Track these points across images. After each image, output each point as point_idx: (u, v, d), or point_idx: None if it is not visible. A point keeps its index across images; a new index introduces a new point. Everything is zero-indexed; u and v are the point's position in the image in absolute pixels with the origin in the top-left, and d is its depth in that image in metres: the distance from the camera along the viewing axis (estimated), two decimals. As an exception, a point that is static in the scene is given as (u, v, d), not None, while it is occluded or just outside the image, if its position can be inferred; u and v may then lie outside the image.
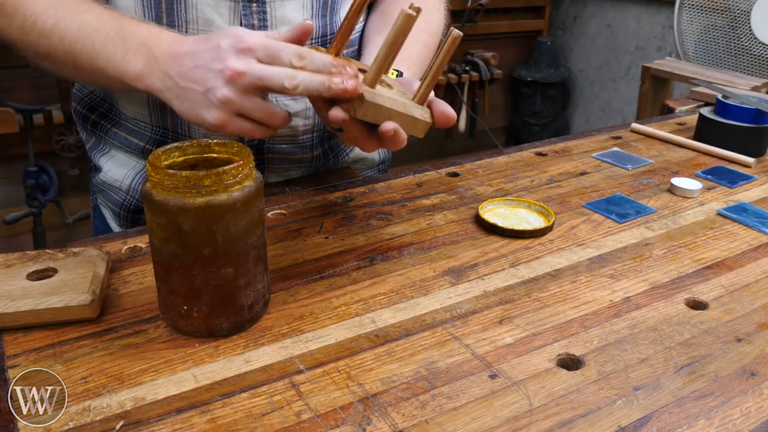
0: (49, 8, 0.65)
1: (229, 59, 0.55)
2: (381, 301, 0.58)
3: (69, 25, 0.65)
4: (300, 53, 0.54)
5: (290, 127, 0.80)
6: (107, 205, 0.87)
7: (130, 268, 0.62)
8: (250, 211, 0.50)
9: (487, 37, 3.16)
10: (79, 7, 0.66)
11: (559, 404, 0.46)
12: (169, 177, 0.48)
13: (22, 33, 0.67)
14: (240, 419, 0.44)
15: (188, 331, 0.52)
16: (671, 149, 0.97)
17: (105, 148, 0.84)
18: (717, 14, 2.11)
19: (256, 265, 0.52)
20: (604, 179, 0.85)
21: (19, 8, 0.66)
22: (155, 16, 0.71)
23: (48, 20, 0.65)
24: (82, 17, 0.65)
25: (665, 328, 0.55)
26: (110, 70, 0.63)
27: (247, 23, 0.73)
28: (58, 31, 0.65)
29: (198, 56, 0.57)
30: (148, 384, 0.47)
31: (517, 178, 0.85)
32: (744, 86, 1.79)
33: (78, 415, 0.44)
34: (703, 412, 0.46)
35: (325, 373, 0.48)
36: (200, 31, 0.72)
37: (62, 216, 2.33)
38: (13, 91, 2.16)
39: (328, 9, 0.79)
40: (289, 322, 0.54)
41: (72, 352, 0.50)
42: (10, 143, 2.23)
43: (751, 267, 0.65)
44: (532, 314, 0.56)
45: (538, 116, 3.34)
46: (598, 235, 0.70)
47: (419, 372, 0.49)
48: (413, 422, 0.44)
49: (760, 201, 0.80)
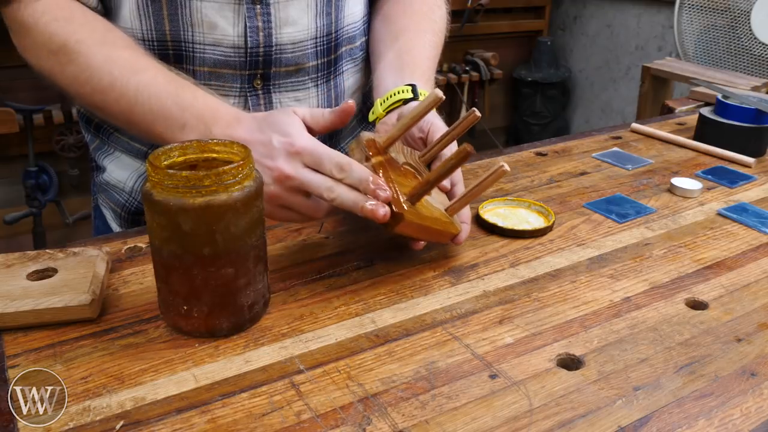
0: (104, 65, 0.66)
1: (278, 160, 0.58)
2: (381, 301, 0.58)
3: (126, 85, 0.66)
4: (341, 165, 0.56)
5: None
6: (109, 206, 0.87)
7: (130, 268, 0.62)
8: (250, 211, 0.50)
9: (487, 37, 3.16)
10: (134, 66, 0.67)
11: (559, 404, 0.46)
12: (169, 177, 0.48)
13: (75, 84, 0.68)
14: (240, 419, 0.44)
15: (188, 331, 0.52)
16: (671, 149, 0.97)
17: (109, 150, 0.84)
18: (717, 14, 2.11)
19: (256, 265, 0.52)
20: (604, 179, 0.85)
21: (74, 60, 0.67)
22: (156, 22, 0.71)
23: (104, 78, 0.66)
24: (139, 78, 0.66)
25: (665, 328, 0.55)
26: (167, 138, 0.65)
27: (251, 25, 0.73)
28: (114, 92, 0.66)
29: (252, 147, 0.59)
30: (148, 384, 0.47)
31: (517, 178, 0.85)
32: (744, 86, 1.79)
33: (78, 415, 0.44)
34: (703, 412, 0.46)
35: (325, 373, 0.48)
36: (205, 34, 0.72)
37: (62, 216, 2.33)
38: (13, 91, 2.16)
39: (333, 6, 0.79)
40: (289, 322, 0.54)
41: (72, 352, 0.50)
42: (10, 143, 2.23)
43: (751, 267, 0.65)
44: (532, 314, 0.56)
45: (538, 116, 3.34)
46: (598, 235, 0.70)
47: (419, 372, 0.49)
48: (413, 422, 0.44)
49: (760, 201, 0.80)
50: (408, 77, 0.74)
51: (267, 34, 0.74)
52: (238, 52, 0.74)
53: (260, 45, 0.75)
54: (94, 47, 0.67)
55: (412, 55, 0.80)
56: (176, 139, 0.65)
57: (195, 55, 0.73)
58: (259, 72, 0.76)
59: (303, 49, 0.78)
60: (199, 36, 0.72)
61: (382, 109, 0.73)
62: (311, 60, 0.79)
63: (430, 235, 0.60)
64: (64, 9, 0.68)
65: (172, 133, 0.65)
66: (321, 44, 0.79)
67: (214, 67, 0.74)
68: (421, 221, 0.57)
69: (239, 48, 0.74)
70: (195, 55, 0.73)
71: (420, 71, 0.77)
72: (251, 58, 0.75)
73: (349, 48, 0.85)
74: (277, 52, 0.76)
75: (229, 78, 0.76)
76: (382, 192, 0.55)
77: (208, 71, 0.74)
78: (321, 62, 0.81)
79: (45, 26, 0.68)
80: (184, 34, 0.72)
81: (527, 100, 3.33)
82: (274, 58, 0.76)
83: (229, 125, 0.63)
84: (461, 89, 3.03)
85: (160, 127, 0.66)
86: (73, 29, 0.68)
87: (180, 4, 0.70)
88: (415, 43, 0.81)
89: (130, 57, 0.68)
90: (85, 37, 0.67)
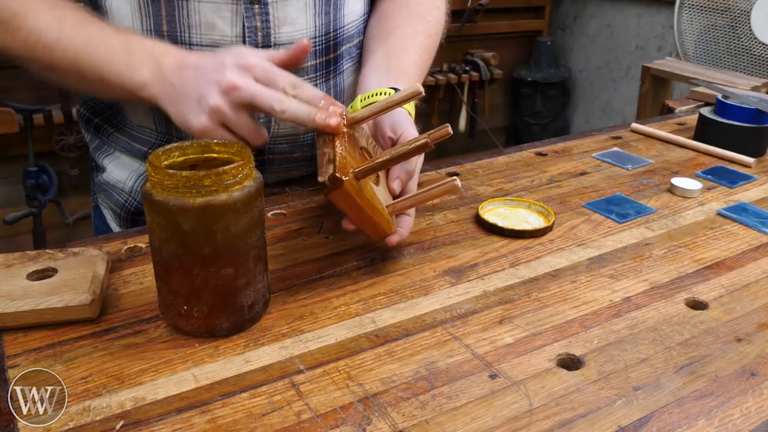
0: (52, 23, 0.67)
1: (228, 72, 0.57)
2: (381, 301, 0.58)
3: (73, 37, 0.66)
4: (294, 83, 0.56)
5: (291, 126, 0.80)
6: (108, 206, 0.87)
7: (130, 268, 0.62)
8: (250, 211, 0.50)
9: (487, 37, 3.16)
10: (82, 22, 0.68)
11: (559, 404, 0.46)
12: (169, 177, 0.48)
13: (26, 47, 0.68)
14: (240, 419, 0.44)
15: (188, 331, 0.52)
16: (671, 149, 0.97)
17: (109, 150, 0.84)
18: (717, 14, 2.11)
19: (256, 265, 0.52)
20: (604, 179, 0.85)
21: (23, 24, 0.67)
22: (155, 23, 0.71)
23: (52, 34, 0.67)
24: (86, 30, 0.67)
25: (665, 328, 0.55)
26: (115, 80, 0.65)
27: (249, 25, 0.73)
28: (62, 44, 0.66)
29: (201, 67, 0.60)
30: (148, 384, 0.47)
31: (517, 178, 0.85)
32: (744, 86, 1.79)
33: (78, 415, 0.44)
34: (703, 412, 0.46)
35: (325, 373, 0.48)
36: (203, 35, 0.72)
37: (62, 216, 2.33)
38: (13, 91, 2.16)
39: (332, 5, 0.79)
40: (289, 322, 0.54)
41: (72, 352, 0.50)
42: (10, 143, 2.23)
43: (751, 267, 0.65)
44: (532, 314, 0.56)
45: (538, 116, 3.34)
46: (598, 235, 0.70)
47: (419, 372, 0.49)
48: (413, 422, 0.44)
49: (760, 201, 0.80)
50: (393, 81, 0.74)
51: (265, 33, 0.74)
52: None
53: (259, 45, 0.74)
54: (44, 11, 0.67)
55: (401, 58, 0.79)
56: (125, 80, 0.64)
57: None
58: None
59: None
60: (197, 37, 0.72)
61: (360, 105, 0.74)
62: (310, 59, 0.79)
63: (363, 220, 0.58)
64: None
65: (119, 75, 0.64)
66: (320, 43, 0.79)
67: None
68: (359, 199, 0.56)
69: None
70: None
71: (406, 76, 0.77)
72: None
73: (348, 47, 0.84)
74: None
75: None
76: (335, 108, 0.55)
77: None
78: (320, 61, 0.80)
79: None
80: (181, 36, 0.72)
81: (527, 100, 3.33)
82: None
83: (179, 56, 0.63)
84: (461, 89, 3.03)
85: (107, 71, 0.65)
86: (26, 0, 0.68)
87: (178, 5, 0.70)
88: (406, 45, 0.81)
89: (78, 15, 0.68)
90: (36, 5, 0.68)
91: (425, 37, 0.83)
